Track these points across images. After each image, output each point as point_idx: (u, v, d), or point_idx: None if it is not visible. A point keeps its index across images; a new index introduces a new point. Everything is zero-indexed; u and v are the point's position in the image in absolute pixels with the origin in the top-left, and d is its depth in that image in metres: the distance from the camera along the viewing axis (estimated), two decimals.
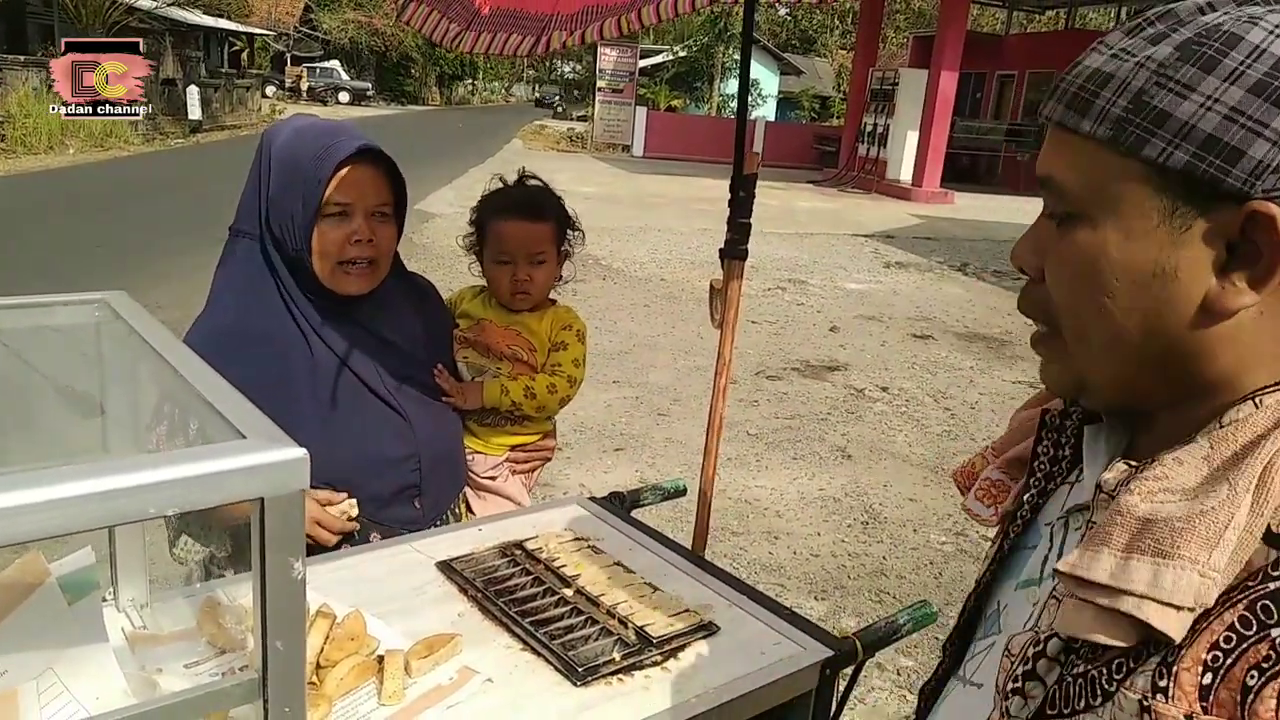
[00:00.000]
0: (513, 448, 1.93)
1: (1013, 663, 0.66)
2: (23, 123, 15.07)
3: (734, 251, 2.03)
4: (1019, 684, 0.65)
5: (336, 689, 1.09)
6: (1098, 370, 0.67)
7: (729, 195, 2.03)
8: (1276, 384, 0.61)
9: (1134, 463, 0.65)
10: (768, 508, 4.12)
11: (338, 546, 1.52)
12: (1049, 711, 0.62)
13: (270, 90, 35.15)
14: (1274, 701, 0.51)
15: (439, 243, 8.80)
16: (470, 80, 53.78)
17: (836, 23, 43.02)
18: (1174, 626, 0.55)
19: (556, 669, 1.20)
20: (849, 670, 1.33)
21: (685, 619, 1.32)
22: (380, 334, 1.65)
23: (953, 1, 16.61)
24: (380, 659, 1.15)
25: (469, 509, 1.86)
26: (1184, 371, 0.63)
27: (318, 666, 1.12)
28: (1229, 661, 0.54)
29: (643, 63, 26.95)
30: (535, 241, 1.87)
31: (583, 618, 1.31)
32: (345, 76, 42.18)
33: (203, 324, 1.57)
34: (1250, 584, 0.55)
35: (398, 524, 1.62)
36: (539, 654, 1.23)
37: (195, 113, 20.45)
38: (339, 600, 1.28)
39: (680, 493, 1.99)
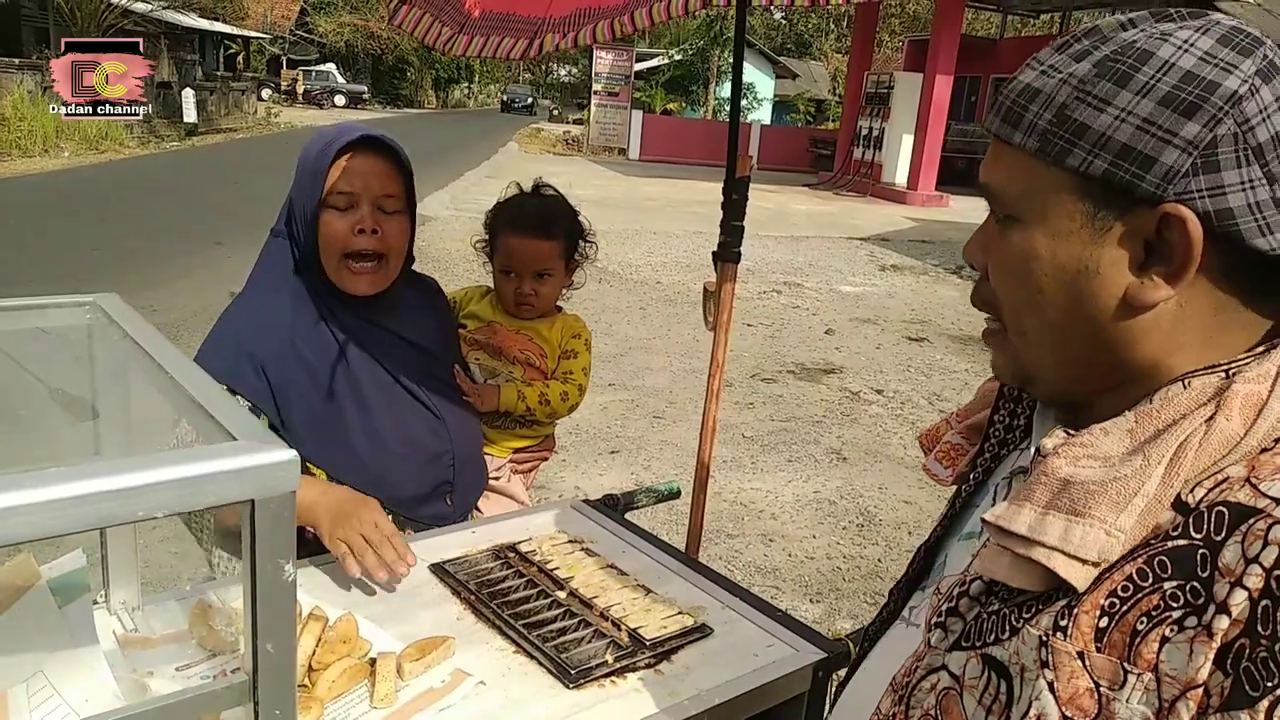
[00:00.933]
0: (517, 449, 1.95)
1: (940, 600, 0.74)
2: (17, 125, 15.03)
3: (727, 254, 2.03)
4: (942, 619, 0.72)
5: (328, 692, 1.09)
6: (1037, 361, 0.73)
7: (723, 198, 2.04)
8: (1205, 368, 0.66)
9: (1071, 431, 0.70)
10: (763, 510, 4.12)
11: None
12: (964, 643, 0.69)
13: (266, 93, 35.11)
14: (1157, 645, 0.58)
15: (435, 245, 8.79)
16: (466, 84, 53.73)
17: (832, 26, 43.10)
18: (1078, 577, 0.61)
19: (549, 671, 1.20)
20: (842, 672, 1.33)
21: (678, 621, 1.32)
22: (400, 333, 1.65)
23: (947, 5, 16.65)
24: (372, 662, 1.15)
25: (477, 508, 1.87)
26: (1113, 360, 0.69)
27: (309, 669, 1.12)
28: (1124, 609, 0.60)
29: (638, 66, 27.00)
30: (541, 258, 1.90)
31: (576, 620, 1.31)
32: (341, 80, 42.14)
33: (232, 318, 1.57)
34: (1153, 542, 0.61)
35: (431, 521, 1.64)
36: (532, 656, 1.23)
37: (191, 116, 20.41)
38: (331, 603, 1.29)
39: (675, 495, 1.99)
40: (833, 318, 7.98)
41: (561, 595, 1.37)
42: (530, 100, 50.25)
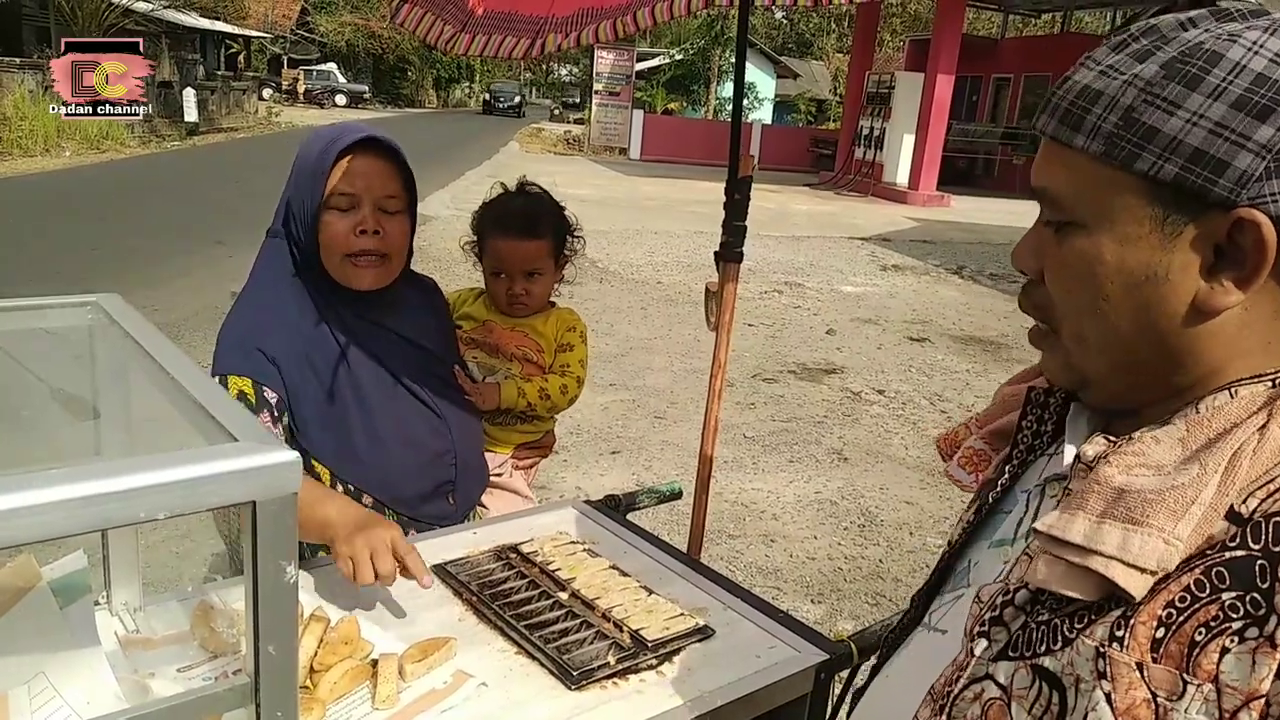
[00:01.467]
0: (519, 446, 1.97)
1: (981, 609, 0.72)
2: (18, 125, 15.03)
3: (729, 254, 2.03)
4: (985, 628, 0.71)
5: (330, 693, 1.09)
6: (1095, 367, 0.72)
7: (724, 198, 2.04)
8: (1254, 377, 0.66)
9: (1112, 438, 0.70)
10: (764, 511, 4.11)
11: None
12: (1010, 653, 0.68)
13: (267, 93, 35.11)
14: (1216, 655, 0.57)
15: (436, 245, 8.79)
16: (467, 83, 53.71)
17: (833, 26, 43.09)
18: (1136, 586, 0.61)
19: (551, 672, 1.20)
20: (844, 673, 1.33)
21: (680, 622, 1.32)
22: (401, 333, 1.65)
23: (948, 5, 16.64)
24: (374, 663, 1.15)
25: (481, 504, 1.87)
26: (1175, 367, 0.68)
27: (311, 670, 1.12)
28: (1181, 619, 0.60)
29: (640, 66, 26.99)
30: (529, 258, 1.91)
31: (578, 621, 1.31)
32: (342, 79, 42.14)
33: (243, 317, 1.55)
34: (1209, 552, 0.61)
35: (434, 520, 1.64)
36: (534, 657, 1.23)
37: (192, 115, 20.41)
38: (333, 604, 1.28)
39: (676, 495, 1.99)
40: (834, 318, 7.97)
41: (563, 596, 1.37)
42: (519, 99, 45.13)
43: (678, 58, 33.25)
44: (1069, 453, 0.76)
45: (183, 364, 0.76)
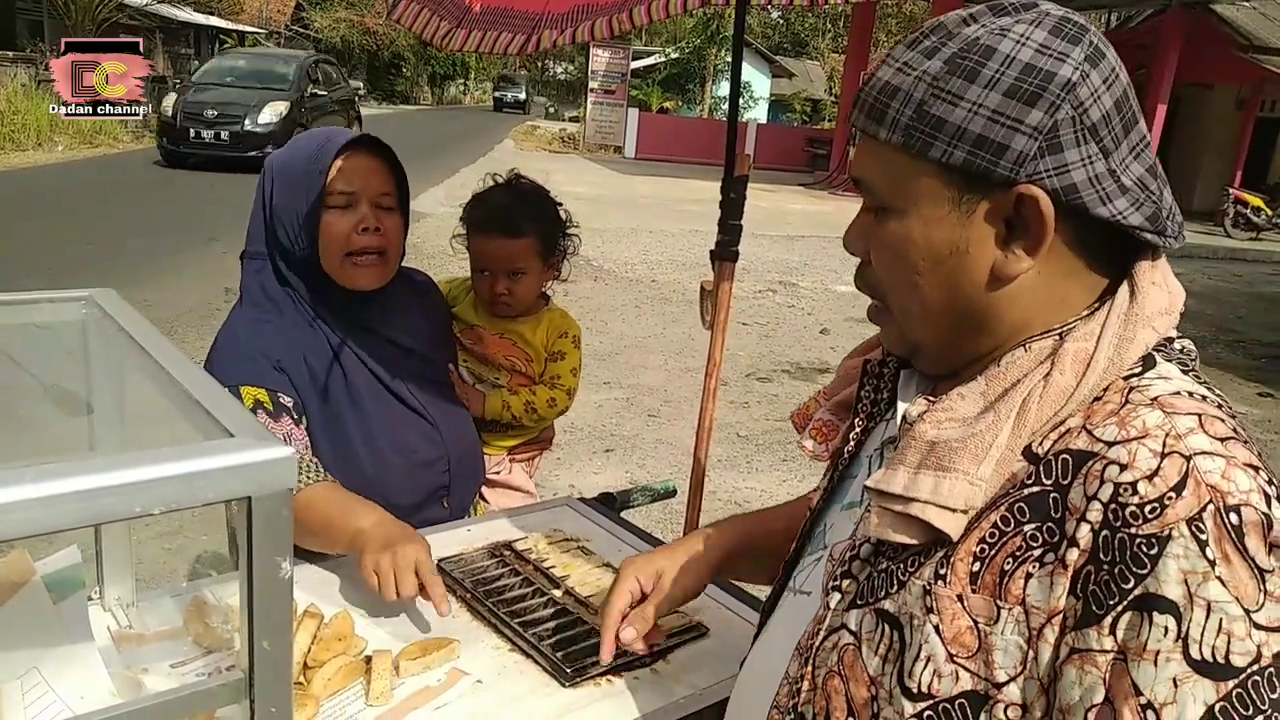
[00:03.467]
0: (513, 447, 1.95)
1: (834, 565, 0.81)
2: (11, 119, 14.95)
3: (725, 253, 2.03)
4: (838, 582, 0.79)
5: (324, 689, 1.09)
6: (922, 336, 0.79)
7: (720, 197, 2.03)
8: (1043, 332, 0.74)
9: (932, 399, 0.78)
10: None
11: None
12: (859, 602, 0.76)
13: None
14: (1022, 581, 0.65)
15: (430, 242, 8.77)
16: (462, 80, 53.57)
17: (828, 26, 43.10)
18: (951, 526, 0.69)
19: (545, 670, 1.20)
20: None
21: (674, 620, 1.32)
22: (393, 338, 1.64)
23: (943, 6, 16.66)
24: (368, 659, 1.15)
25: (484, 499, 1.86)
26: (983, 330, 0.76)
27: (305, 666, 1.12)
28: (992, 553, 0.68)
29: (635, 64, 26.96)
30: (510, 257, 1.84)
31: (571, 618, 1.31)
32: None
33: (243, 331, 1.53)
34: (1012, 490, 0.69)
35: (428, 525, 1.61)
36: (528, 655, 1.23)
37: None
38: (327, 600, 1.28)
39: (670, 494, 1.99)
40: (828, 317, 7.98)
41: (557, 594, 1.37)
42: (524, 95, 45.65)
43: (673, 56, 33.21)
44: (899, 414, 0.83)
45: (178, 359, 0.76)
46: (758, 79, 34.50)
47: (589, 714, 1.13)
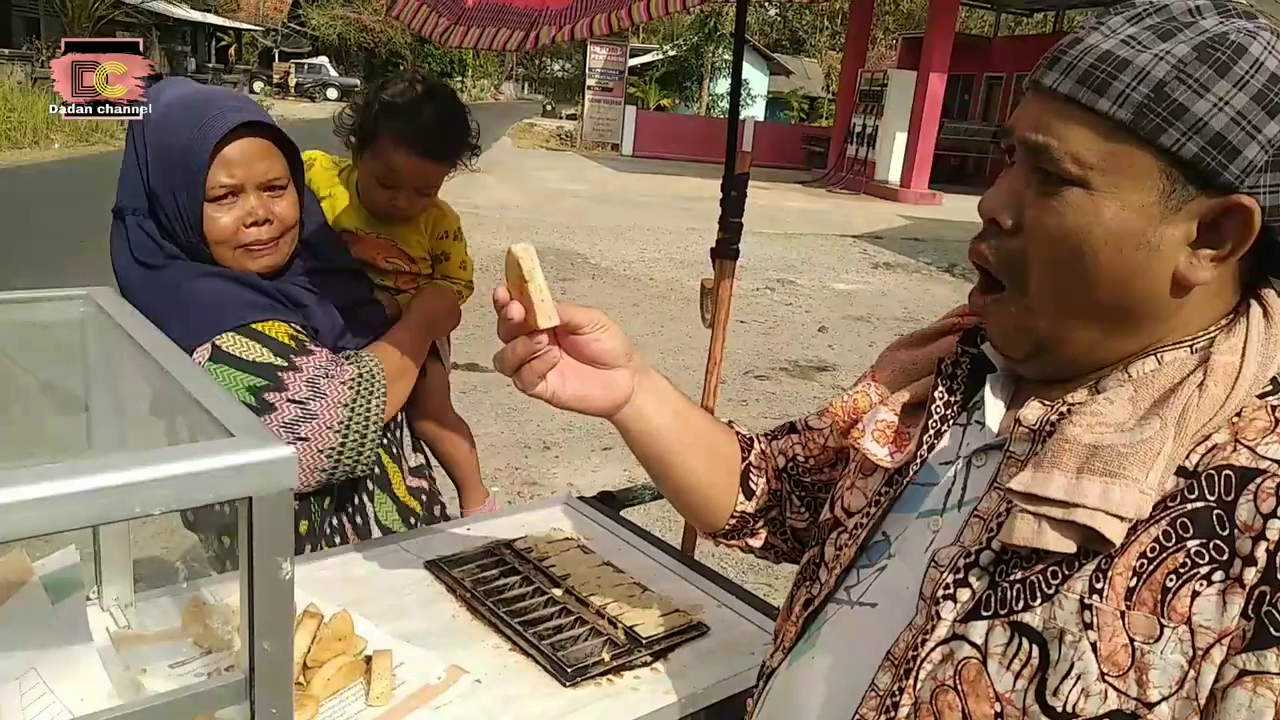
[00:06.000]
0: None
1: (942, 573, 0.75)
2: (7, 116, 14.92)
3: (726, 251, 2.03)
4: (950, 590, 0.73)
5: (324, 689, 1.08)
6: (1056, 328, 0.74)
7: (720, 194, 2.03)
8: (1174, 343, 0.72)
9: (1047, 401, 0.75)
10: None
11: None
12: (984, 612, 0.71)
13: (258, 86, 34.96)
14: (1189, 599, 0.63)
15: None
16: (459, 78, 53.54)
17: (826, 23, 43.11)
18: (1118, 534, 0.65)
19: (546, 669, 1.19)
20: None
21: (675, 619, 1.31)
22: (322, 307, 1.52)
23: (941, 4, 16.65)
24: (368, 659, 1.15)
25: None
26: (1137, 332, 0.73)
27: (304, 667, 1.11)
28: (1152, 568, 0.65)
29: (633, 61, 26.92)
30: (429, 178, 1.74)
31: (572, 618, 1.30)
32: (333, 73, 41.93)
33: (208, 288, 1.40)
34: (1170, 504, 0.66)
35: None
36: (528, 654, 1.22)
37: None
38: (326, 600, 1.28)
39: None
40: (826, 315, 7.98)
41: (557, 593, 1.37)
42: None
43: (671, 54, 33.19)
44: (993, 421, 0.80)
45: (176, 358, 0.75)
46: (755, 76, 34.48)
47: (589, 713, 1.13)
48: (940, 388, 0.86)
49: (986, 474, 0.78)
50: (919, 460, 0.85)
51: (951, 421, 0.85)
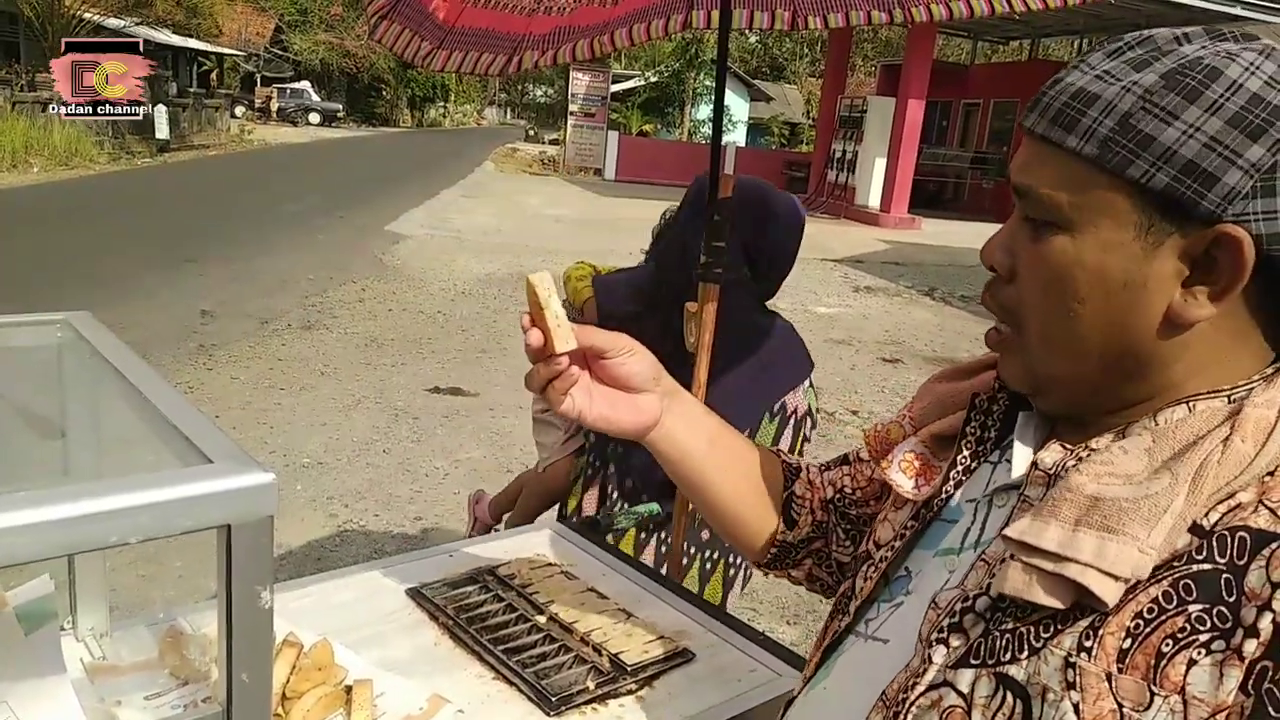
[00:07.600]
0: None
1: (939, 615, 0.72)
2: None
3: (709, 275, 2.02)
4: (944, 634, 0.70)
5: None
6: (1056, 371, 0.72)
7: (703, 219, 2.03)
8: (1210, 392, 0.67)
9: (1069, 446, 0.71)
10: None
11: None
12: (973, 660, 0.68)
13: (240, 110, 34.97)
14: (1184, 667, 0.59)
15: (411, 264, 8.75)
16: (443, 103, 53.64)
17: (806, 50, 43.57)
18: (1110, 594, 0.61)
19: (529, 698, 1.18)
20: None
21: (660, 646, 1.30)
22: None
23: (919, 32, 16.88)
24: (348, 689, 1.13)
25: None
26: (1137, 376, 0.69)
27: (283, 698, 1.09)
28: (1148, 630, 0.61)
29: (615, 87, 27.10)
30: None
31: (556, 645, 1.29)
32: (316, 98, 42.02)
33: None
34: (1176, 564, 0.62)
35: None
36: (511, 683, 1.21)
37: (163, 132, 20.23)
38: (306, 628, 1.26)
39: (654, 515, 1.97)
40: (808, 339, 7.93)
41: (541, 620, 1.35)
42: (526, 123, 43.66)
43: (652, 80, 33.47)
44: (1019, 461, 0.76)
45: (155, 383, 0.74)
46: (736, 103, 34.80)
47: None
48: (973, 422, 0.84)
49: (1004, 515, 0.75)
50: (944, 495, 0.83)
51: (984, 459, 0.83)
